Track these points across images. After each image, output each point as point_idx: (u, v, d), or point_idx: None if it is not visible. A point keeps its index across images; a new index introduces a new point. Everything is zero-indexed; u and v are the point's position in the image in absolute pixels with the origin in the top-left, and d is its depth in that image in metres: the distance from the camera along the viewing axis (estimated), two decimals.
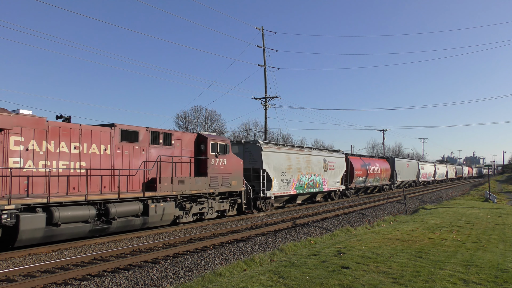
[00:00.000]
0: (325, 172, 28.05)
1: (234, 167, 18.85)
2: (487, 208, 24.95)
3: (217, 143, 17.85)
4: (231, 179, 18.63)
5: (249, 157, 21.90)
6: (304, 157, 25.78)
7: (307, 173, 25.59)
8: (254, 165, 21.79)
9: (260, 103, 34.92)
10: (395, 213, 23.85)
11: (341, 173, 30.98)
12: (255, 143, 22.02)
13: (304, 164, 25.39)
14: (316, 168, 26.88)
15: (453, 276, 7.83)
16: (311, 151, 27.28)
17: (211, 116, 61.48)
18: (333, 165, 29.52)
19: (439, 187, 55.81)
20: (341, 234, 15.06)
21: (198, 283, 8.19)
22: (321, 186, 27.47)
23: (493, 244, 11.80)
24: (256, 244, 13.09)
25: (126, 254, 11.34)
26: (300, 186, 24.79)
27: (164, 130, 15.99)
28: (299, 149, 26.15)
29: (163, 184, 15.05)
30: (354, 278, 7.62)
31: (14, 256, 10.84)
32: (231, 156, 18.83)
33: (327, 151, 30.46)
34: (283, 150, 23.66)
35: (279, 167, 22.76)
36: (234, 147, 21.66)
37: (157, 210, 14.70)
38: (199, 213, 17.26)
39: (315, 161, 26.89)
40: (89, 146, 13.23)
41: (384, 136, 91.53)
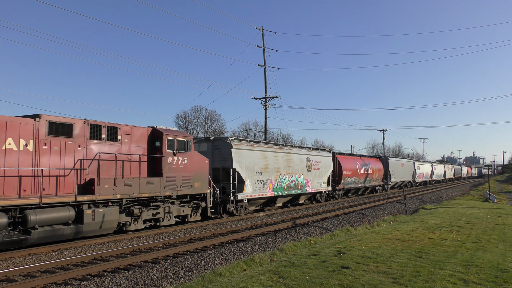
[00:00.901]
0: (308, 172, 25.73)
1: (197, 166, 16.64)
2: (487, 208, 24.95)
3: (175, 139, 15.65)
4: (194, 180, 16.41)
5: (218, 156, 19.96)
6: (284, 155, 23.52)
7: (287, 173, 23.37)
8: (223, 164, 19.73)
9: (260, 103, 34.95)
10: (395, 213, 23.85)
11: (327, 173, 28.62)
12: (225, 140, 19.88)
13: (283, 163, 23.19)
14: (298, 168, 24.63)
15: (453, 276, 7.83)
16: (292, 149, 24.96)
17: (211, 116, 61.55)
18: (318, 164, 27.15)
19: (439, 187, 55.78)
20: (341, 234, 15.06)
21: (198, 283, 8.19)
22: (303, 188, 25.19)
23: (493, 244, 11.80)
24: (256, 244, 13.09)
25: (126, 254, 11.34)
26: (278, 188, 22.68)
27: (109, 123, 13.80)
28: (278, 147, 23.76)
29: (103, 186, 12.90)
30: (354, 278, 7.62)
31: (14, 256, 10.84)
32: (194, 154, 16.62)
33: (311, 150, 27.91)
34: (258, 148, 21.48)
35: (253, 167, 20.66)
36: (202, 144, 20.27)
37: (95, 216, 12.59)
38: (154, 219, 15.19)
39: (296, 160, 24.66)
40: (3, 141, 11.00)
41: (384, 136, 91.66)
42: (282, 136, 65.97)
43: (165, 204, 15.52)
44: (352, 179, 33.52)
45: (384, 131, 75.74)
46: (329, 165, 29.06)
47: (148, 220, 15.06)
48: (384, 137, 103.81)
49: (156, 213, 15.11)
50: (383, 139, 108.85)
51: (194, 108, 64.76)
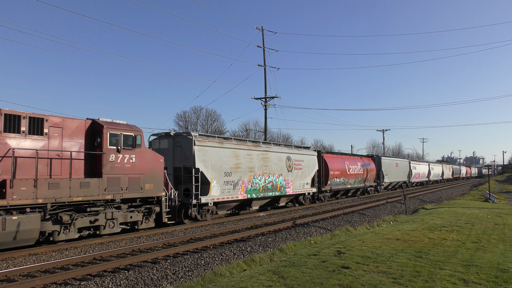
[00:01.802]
0: (289, 172, 23.50)
1: (148, 165, 14.46)
2: (487, 208, 24.95)
3: (120, 133, 13.51)
4: (144, 181, 14.27)
5: (180, 153, 17.72)
6: (260, 154, 21.18)
7: (263, 173, 21.12)
8: (185, 163, 17.48)
9: (260, 103, 34.91)
10: (395, 213, 23.85)
11: (311, 173, 26.18)
12: (187, 136, 17.64)
13: (259, 162, 20.90)
14: (277, 167, 22.43)
15: (453, 276, 7.83)
16: (270, 147, 22.47)
17: (211, 116, 61.53)
18: (300, 164, 24.85)
19: (439, 187, 55.75)
20: (341, 234, 15.06)
21: (198, 283, 8.19)
22: (283, 189, 22.96)
23: (493, 244, 11.79)
24: (256, 244, 13.09)
25: (126, 254, 11.34)
26: (253, 190, 20.41)
27: (31, 113, 11.79)
28: (253, 145, 21.36)
29: (18, 189, 10.77)
30: (354, 278, 7.62)
31: (14, 256, 10.84)
32: (144, 152, 14.44)
33: (293, 148, 25.56)
34: (228, 145, 19.20)
35: (222, 166, 18.42)
36: (163, 141, 18.20)
37: (6, 225, 10.38)
38: (92, 226, 13.04)
39: (275, 159, 22.39)
40: None
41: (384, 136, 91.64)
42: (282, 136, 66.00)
43: (107, 210, 13.28)
44: (340, 180, 31.28)
45: (384, 131, 75.76)
46: (314, 164, 26.71)
47: (85, 228, 12.88)
48: (384, 137, 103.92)
49: (95, 219, 12.88)
50: (383, 139, 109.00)
51: (194, 108, 64.78)
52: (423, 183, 59.98)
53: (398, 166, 46.23)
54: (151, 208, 14.85)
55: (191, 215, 17.02)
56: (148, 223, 14.90)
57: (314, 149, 27.98)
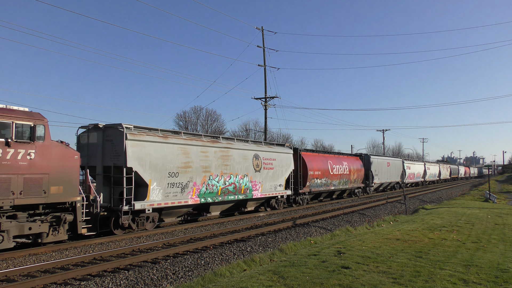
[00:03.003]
0: (257, 172, 20.65)
1: (55, 163, 11.60)
2: (487, 208, 24.95)
3: (10, 122, 10.56)
4: (49, 183, 11.37)
5: (111, 149, 14.59)
6: (218, 151, 18.20)
7: (222, 173, 18.23)
8: (116, 161, 14.29)
9: (260, 103, 34.92)
10: (395, 213, 23.86)
11: (285, 173, 23.24)
12: (117, 128, 14.41)
13: (217, 161, 17.97)
14: (241, 167, 19.55)
15: (453, 276, 7.83)
16: (232, 144, 19.39)
17: (211, 116, 61.52)
18: (271, 163, 21.97)
19: (439, 187, 55.75)
20: (341, 234, 15.07)
21: (198, 283, 8.19)
22: (249, 192, 20.04)
23: (493, 244, 11.80)
24: (256, 244, 13.10)
25: (126, 254, 11.34)
26: (209, 193, 17.44)
27: None
28: (210, 140, 18.13)
29: None
30: (354, 278, 7.62)
31: (14, 256, 10.84)
32: (50, 146, 11.53)
33: (263, 145, 22.16)
34: (173, 140, 15.96)
35: (165, 165, 15.38)
36: (92, 134, 15.01)
37: None
38: None
39: (238, 157, 19.44)
40: None
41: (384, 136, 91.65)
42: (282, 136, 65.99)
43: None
44: (322, 181, 28.28)
45: (384, 131, 75.72)
46: (289, 163, 23.72)
47: None
48: (384, 137, 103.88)
49: None
50: (383, 139, 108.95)
51: (194, 108, 64.77)
52: (419, 183, 57.42)
53: (390, 165, 43.50)
54: (61, 216, 11.85)
55: (123, 224, 14.10)
56: (58, 235, 11.89)
57: (289, 147, 25.09)
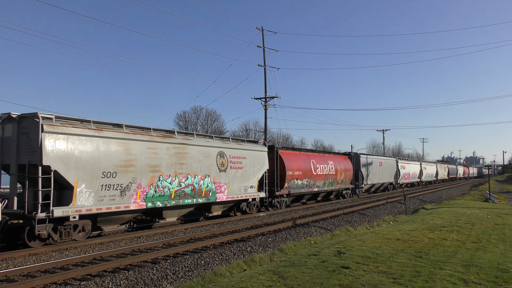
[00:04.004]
0: (222, 172, 18.35)
1: None
2: (487, 208, 24.95)
3: None
4: None
5: (26, 144, 12.19)
6: (171, 147, 15.78)
7: (176, 174, 15.84)
8: (31, 159, 12.00)
9: (260, 103, 34.91)
10: (395, 213, 23.85)
11: (257, 173, 20.91)
12: (33, 118, 12.07)
13: (169, 159, 15.59)
14: (201, 166, 17.16)
15: (453, 276, 7.83)
16: (190, 139, 16.87)
17: (211, 116, 61.57)
18: (241, 161, 19.68)
19: (439, 187, 55.74)
20: (341, 234, 15.06)
21: (198, 283, 8.19)
22: (212, 194, 17.80)
23: (493, 244, 11.79)
24: (256, 244, 13.09)
25: (126, 254, 11.34)
26: (159, 196, 15.10)
27: None
28: (160, 135, 15.53)
29: None
30: (354, 278, 7.62)
31: (14, 256, 10.84)
32: None
33: (230, 141, 19.90)
34: (110, 134, 13.47)
35: (97, 163, 12.91)
36: (7, 126, 12.59)
37: None
38: None
39: (198, 155, 17.04)
40: None
41: (384, 136, 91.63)
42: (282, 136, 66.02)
43: None
44: (303, 182, 25.73)
45: (384, 131, 75.71)
46: (262, 162, 21.38)
47: None
48: (384, 137, 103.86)
49: None
50: (383, 139, 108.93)
51: (194, 108, 64.84)
52: (414, 184, 55.17)
53: (383, 165, 41.14)
54: None
55: (39, 235, 11.83)
56: None
57: (264, 144, 22.43)
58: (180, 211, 17.06)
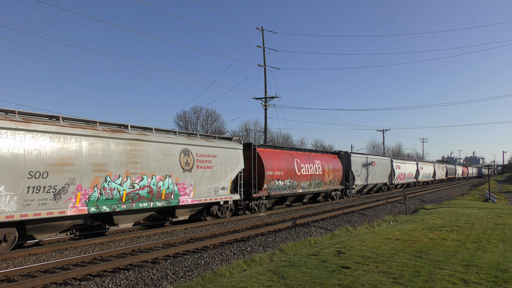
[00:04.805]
0: (186, 172, 16.41)
1: None
2: (487, 208, 24.95)
3: None
4: None
5: None
6: (121, 144, 13.88)
7: (128, 173, 13.95)
8: None
9: (260, 103, 34.93)
10: (395, 213, 23.86)
11: (231, 173, 19.08)
12: None
13: (119, 157, 13.73)
14: (160, 165, 15.23)
15: (453, 276, 7.83)
16: (145, 135, 14.90)
17: (211, 116, 61.58)
18: (210, 160, 17.76)
19: (439, 187, 55.73)
20: (341, 234, 15.06)
21: (198, 283, 8.19)
22: (175, 197, 15.84)
23: (493, 244, 11.80)
24: (256, 244, 13.10)
25: (126, 254, 11.34)
26: (105, 199, 13.25)
27: None
28: (109, 129, 13.73)
29: None
30: (354, 278, 7.62)
31: (14, 256, 10.85)
32: None
33: (198, 138, 17.78)
34: (40, 127, 11.74)
35: (21, 162, 11.19)
36: None
37: None
38: None
39: (155, 152, 15.13)
40: None
41: (384, 136, 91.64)
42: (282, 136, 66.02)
43: None
44: (286, 183, 23.77)
45: (384, 131, 75.70)
46: (236, 161, 19.57)
47: None
48: (384, 137, 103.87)
49: None
50: (383, 139, 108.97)
51: (194, 108, 64.85)
52: (410, 184, 53.19)
53: (376, 165, 39.47)
54: None
55: None
56: None
57: (239, 141, 20.53)
58: (136, 216, 15.10)
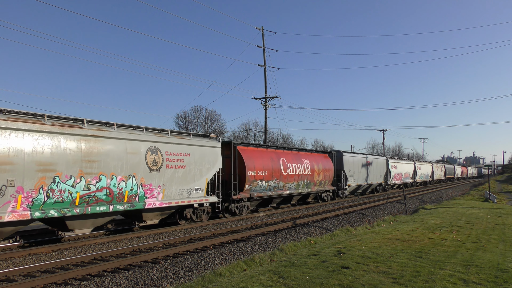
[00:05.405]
0: (154, 172, 14.99)
1: None
2: (487, 208, 24.95)
3: None
4: None
5: None
6: (75, 140, 12.47)
7: (82, 173, 12.56)
8: None
9: (260, 103, 34.95)
10: (395, 213, 23.86)
11: (206, 174, 17.59)
12: None
13: (71, 155, 12.29)
14: (122, 164, 13.83)
15: (453, 276, 7.83)
16: (105, 131, 13.53)
17: (211, 116, 61.59)
18: (182, 159, 16.29)
19: (439, 187, 55.72)
20: (341, 234, 15.06)
21: (198, 283, 8.19)
22: (140, 200, 14.48)
23: (493, 244, 11.79)
24: (256, 244, 13.10)
25: (126, 254, 11.34)
26: (54, 203, 11.79)
27: None
28: (57, 123, 12.22)
29: None
30: (354, 278, 7.62)
31: (14, 256, 10.84)
32: None
33: (169, 134, 16.20)
34: None
35: None
36: None
37: None
38: None
39: (117, 150, 13.73)
40: None
41: (384, 136, 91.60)
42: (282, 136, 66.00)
43: None
44: (270, 183, 22.22)
45: (384, 131, 75.68)
46: (213, 160, 18.06)
47: None
48: (384, 137, 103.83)
49: None
50: (383, 139, 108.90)
51: (194, 108, 64.87)
52: (407, 185, 51.63)
53: (371, 165, 38.30)
54: None
55: None
56: None
57: (216, 138, 18.96)
58: (95, 221, 13.55)
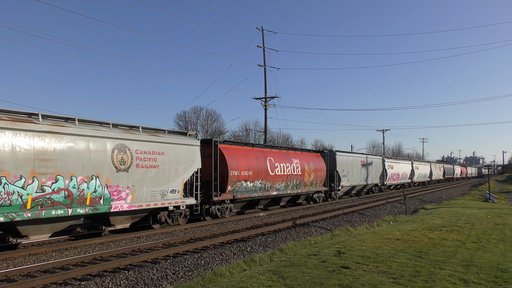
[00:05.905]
0: (121, 172, 13.76)
1: None
2: (487, 208, 24.95)
3: None
4: None
5: None
6: (27, 136, 11.26)
7: (35, 173, 11.26)
8: None
9: (260, 103, 34.95)
10: (395, 213, 23.86)
11: (183, 174, 16.32)
12: None
13: (22, 153, 11.05)
14: (83, 164, 12.59)
15: (453, 276, 7.83)
16: (63, 126, 12.30)
17: (211, 116, 61.55)
18: (155, 158, 15.04)
19: (439, 187, 55.71)
20: (341, 234, 15.06)
21: (198, 283, 8.19)
22: (105, 202, 13.23)
23: (493, 244, 11.80)
24: (256, 244, 13.10)
25: (126, 254, 11.34)
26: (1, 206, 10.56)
27: None
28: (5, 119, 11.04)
29: None
30: (354, 278, 7.62)
31: (14, 256, 10.84)
32: None
33: (140, 131, 14.90)
34: None
35: None
36: None
37: None
38: None
39: (77, 148, 12.47)
40: None
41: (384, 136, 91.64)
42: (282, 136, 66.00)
43: None
44: (256, 184, 20.93)
45: (384, 131, 75.72)
46: (191, 160, 16.81)
47: None
48: (384, 137, 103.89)
49: None
50: (383, 139, 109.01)
51: (194, 108, 64.81)
52: (405, 185, 50.00)
53: (366, 164, 37.31)
54: None
55: None
56: None
57: (195, 136, 17.75)
58: (53, 226, 12.27)
